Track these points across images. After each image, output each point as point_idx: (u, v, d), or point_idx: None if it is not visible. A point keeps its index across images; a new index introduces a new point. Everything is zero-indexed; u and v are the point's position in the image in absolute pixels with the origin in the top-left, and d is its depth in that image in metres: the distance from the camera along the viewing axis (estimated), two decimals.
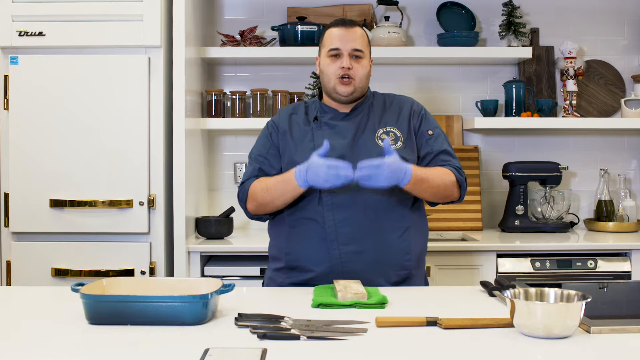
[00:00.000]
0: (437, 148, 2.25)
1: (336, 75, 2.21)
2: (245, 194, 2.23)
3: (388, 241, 2.15)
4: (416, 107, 2.32)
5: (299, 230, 2.18)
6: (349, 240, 2.13)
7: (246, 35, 3.51)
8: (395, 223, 2.17)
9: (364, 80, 2.24)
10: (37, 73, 2.99)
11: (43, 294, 2.04)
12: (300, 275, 2.17)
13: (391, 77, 3.71)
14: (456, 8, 3.65)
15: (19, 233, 3.02)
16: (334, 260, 2.13)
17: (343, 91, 2.21)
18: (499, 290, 1.89)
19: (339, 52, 2.21)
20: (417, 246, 2.22)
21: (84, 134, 2.99)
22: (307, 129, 2.25)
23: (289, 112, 2.32)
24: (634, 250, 3.08)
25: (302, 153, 2.19)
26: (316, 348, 1.45)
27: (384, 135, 2.22)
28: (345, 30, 2.22)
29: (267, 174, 2.24)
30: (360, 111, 2.27)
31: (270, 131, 2.30)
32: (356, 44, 2.21)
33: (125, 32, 2.99)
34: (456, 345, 1.47)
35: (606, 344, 1.48)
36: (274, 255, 2.29)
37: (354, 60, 2.21)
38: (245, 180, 2.25)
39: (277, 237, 2.27)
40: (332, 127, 2.24)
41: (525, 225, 3.45)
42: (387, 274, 2.15)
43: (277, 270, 2.24)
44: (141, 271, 2.98)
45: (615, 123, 3.53)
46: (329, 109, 2.28)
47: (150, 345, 1.47)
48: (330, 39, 2.23)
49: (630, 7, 3.75)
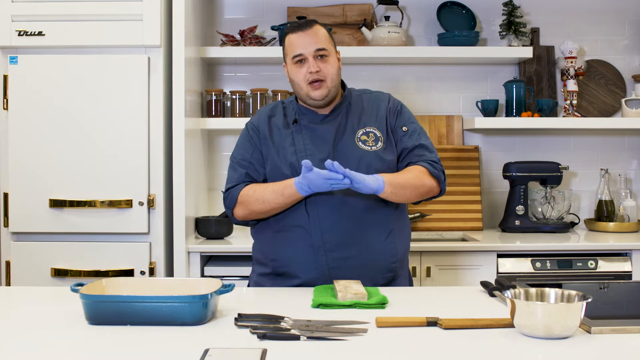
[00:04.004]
0: (412, 143, 2.21)
1: (306, 81, 2.17)
2: (234, 201, 2.18)
3: (374, 245, 2.15)
4: (392, 103, 2.28)
5: (285, 236, 2.16)
6: (336, 247, 2.12)
7: (246, 35, 3.50)
8: (380, 226, 2.16)
9: (335, 79, 2.19)
10: (36, 73, 2.99)
11: (42, 294, 2.04)
12: (287, 282, 2.16)
13: (391, 77, 3.71)
14: (456, 8, 3.65)
15: (18, 233, 3.01)
16: (321, 267, 2.11)
17: (317, 95, 2.17)
18: (500, 290, 1.89)
19: (302, 57, 2.16)
20: (402, 247, 2.23)
21: (83, 133, 2.98)
22: (286, 132, 2.22)
23: (267, 114, 2.28)
24: (635, 251, 3.08)
25: (284, 158, 2.17)
26: (316, 348, 1.44)
27: (364, 137, 2.19)
28: (303, 33, 2.17)
29: (254, 179, 2.21)
30: (339, 112, 2.23)
31: (250, 134, 2.25)
32: (318, 44, 2.16)
33: (125, 31, 2.99)
34: (456, 346, 1.47)
35: (607, 344, 1.47)
36: (259, 259, 2.26)
37: (320, 61, 2.16)
38: (232, 187, 2.20)
39: (261, 241, 2.25)
40: (312, 131, 2.20)
41: (526, 225, 3.44)
42: (374, 277, 2.14)
43: (264, 275, 2.22)
44: (141, 271, 2.98)
45: (615, 123, 3.53)
46: (307, 111, 2.23)
47: (150, 346, 1.47)
48: (291, 46, 2.18)
49: (630, 7, 3.75)
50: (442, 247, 3.08)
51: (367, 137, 2.19)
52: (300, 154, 2.16)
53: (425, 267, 3.05)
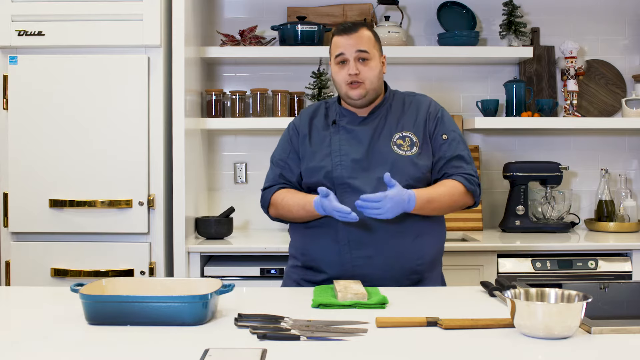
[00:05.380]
0: (450, 153, 2.24)
1: (345, 82, 2.24)
2: (267, 202, 2.32)
3: (400, 246, 2.16)
4: (433, 109, 2.32)
5: (313, 232, 2.23)
6: (360, 245, 2.15)
7: (246, 34, 3.50)
8: (407, 228, 2.17)
9: (375, 82, 2.24)
10: (36, 73, 2.99)
11: (42, 294, 2.04)
12: (315, 276, 2.23)
13: (391, 77, 3.67)
14: (456, 7, 3.65)
15: (18, 233, 3.01)
16: (345, 264, 2.16)
17: (354, 95, 2.23)
18: (500, 290, 1.89)
19: (344, 57, 2.23)
20: (431, 250, 2.23)
21: (83, 133, 2.98)
22: (325, 133, 2.29)
23: (309, 116, 2.35)
24: (635, 251, 3.08)
25: (319, 159, 2.24)
26: (316, 348, 1.44)
27: (400, 141, 2.23)
28: (347, 35, 2.23)
29: (288, 180, 2.30)
30: (378, 115, 2.28)
31: (290, 135, 2.35)
32: (360, 46, 2.21)
33: (125, 31, 2.99)
34: (456, 346, 1.47)
35: (607, 344, 1.47)
36: (292, 253, 2.36)
37: (360, 64, 2.22)
38: (268, 187, 2.33)
39: (294, 237, 2.34)
40: (349, 132, 2.26)
41: (526, 225, 3.44)
42: (398, 278, 2.16)
43: (294, 267, 2.31)
44: (141, 271, 2.98)
45: (616, 123, 3.53)
46: (347, 112, 2.30)
47: (150, 346, 1.47)
48: (335, 47, 2.26)
49: (630, 7, 3.74)
50: None
51: (402, 142, 2.23)
52: (335, 154, 2.22)
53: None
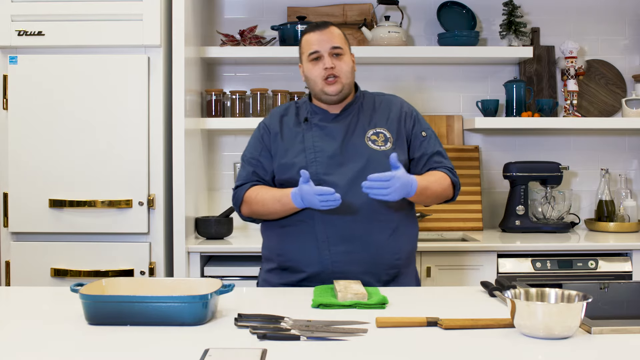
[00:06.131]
0: (431, 150, 2.29)
1: (321, 77, 2.23)
2: (240, 200, 2.28)
3: (378, 241, 2.17)
4: (407, 108, 2.35)
5: (290, 231, 2.21)
6: (339, 241, 2.15)
7: (246, 34, 3.50)
8: (384, 223, 2.19)
9: (349, 76, 2.26)
10: (36, 73, 2.98)
11: (42, 295, 2.04)
12: (292, 276, 2.20)
13: (391, 77, 3.70)
14: (456, 7, 3.65)
15: (18, 233, 3.01)
16: (324, 261, 2.15)
17: (331, 91, 2.23)
18: (500, 290, 1.89)
19: (318, 54, 2.24)
20: (407, 245, 2.25)
21: (83, 133, 2.98)
22: (297, 130, 2.28)
23: (280, 114, 2.34)
24: (635, 251, 3.08)
25: (292, 156, 2.23)
26: (316, 348, 1.44)
27: (374, 137, 2.25)
28: (320, 32, 2.25)
29: (261, 177, 2.28)
30: (350, 112, 2.29)
31: (261, 133, 2.33)
32: (334, 42, 2.24)
33: (125, 31, 2.99)
34: (456, 346, 1.47)
35: (607, 344, 1.47)
36: (266, 256, 2.32)
37: (335, 59, 2.24)
38: (240, 185, 2.30)
39: (269, 238, 2.31)
40: (322, 129, 2.26)
41: (526, 225, 3.44)
42: (377, 273, 2.17)
43: (270, 271, 2.27)
44: (141, 271, 2.98)
45: (616, 123, 3.53)
46: (319, 110, 2.30)
47: (150, 346, 1.47)
48: (308, 44, 2.26)
49: (631, 7, 3.74)
50: (442, 247, 3.08)
51: (376, 137, 2.25)
52: (309, 151, 2.22)
53: (425, 267, 3.04)
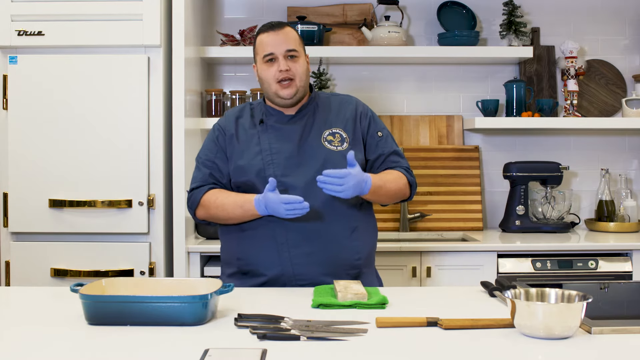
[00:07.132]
0: (388, 150, 2.28)
1: (275, 80, 2.20)
2: (197, 203, 2.22)
3: (337, 242, 2.16)
4: (362, 108, 2.33)
5: (249, 234, 2.18)
6: (299, 243, 2.13)
7: (246, 34, 3.50)
8: (344, 223, 2.18)
9: (304, 79, 2.23)
10: (36, 73, 2.98)
11: (42, 295, 2.03)
12: (253, 280, 2.18)
13: (391, 77, 3.70)
14: (457, 7, 3.65)
15: (18, 233, 3.01)
16: (284, 263, 2.13)
17: (285, 94, 2.20)
18: (500, 290, 1.89)
19: (273, 56, 2.20)
20: (367, 245, 2.24)
21: (83, 133, 2.98)
22: (253, 132, 2.25)
23: (235, 116, 2.31)
24: (635, 251, 3.08)
25: (249, 158, 2.20)
26: (316, 348, 1.44)
27: (330, 137, 2.23)
28: (275, 33, 2.21)
29: (218, 180, 2.24)
30: (306, 113, 2.27)
31: (217, 134, 2.28)
32: (289, 45, 2.20)
33: (125, 31, 2.99)
34: (457, 346, 1.47)
35: (607, 344, 1.47)
36: (226, 260, 2.29)
37: (290, 61, 2.20)
38: (196, 187, 2.24)
39: (228, 241, 2.27)
40: (277, 130, 2.23)
41: (526, 225, 3.44)
42: (338, 274, 2.15)
43: (231, 275, 2.24)
44: (140, 271, 2.98)
45: (616, 123, 3.53)
46: (274, 112, 2.26)
47: (149, 346, 1.47)
48: (262, 46, 2.22)
49: (631, 7, 3.74)
50: (442, 247, 3.08)
51: (333, 138, 2.23)
52: (265, 152, 2.20)
53: (425, 267, 3.04)
